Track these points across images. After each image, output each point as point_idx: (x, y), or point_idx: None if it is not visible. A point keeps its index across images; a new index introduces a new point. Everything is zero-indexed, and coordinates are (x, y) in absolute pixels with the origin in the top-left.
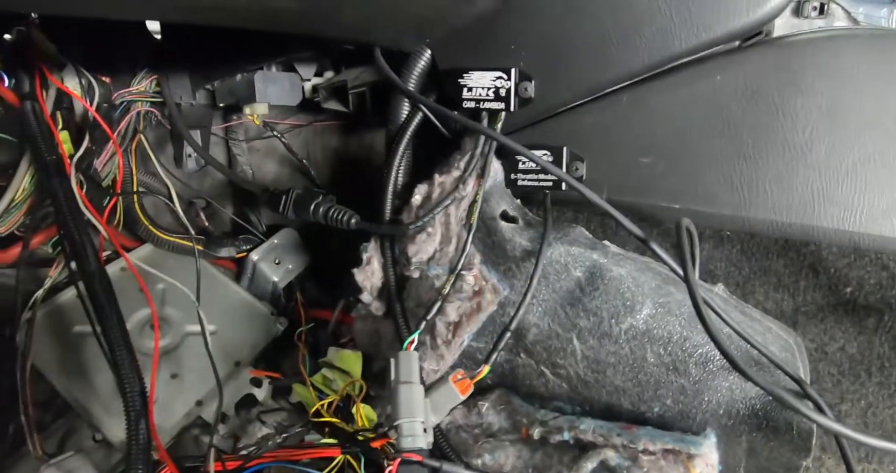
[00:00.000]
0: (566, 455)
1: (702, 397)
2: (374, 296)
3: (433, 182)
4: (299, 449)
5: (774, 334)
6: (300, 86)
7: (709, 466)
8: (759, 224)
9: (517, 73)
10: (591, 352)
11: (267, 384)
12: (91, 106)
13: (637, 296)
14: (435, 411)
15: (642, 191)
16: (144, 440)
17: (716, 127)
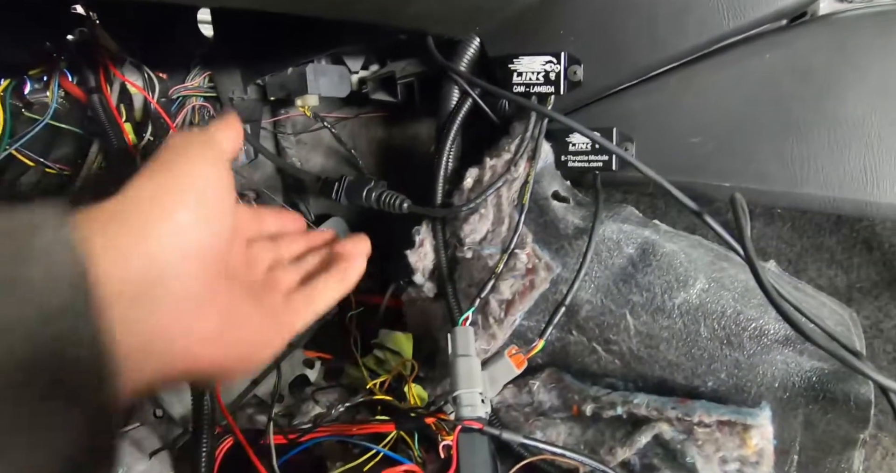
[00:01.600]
0: (619, 431)
1: (756, 370)
2: (426, 277)
3: (484, 166)
4: (354, 425)
5: (829, 309)
6: (348, 78)
7: (764, 438)
8: (812, 200)
9: (566, 57)
10: (644, 327)
11: (319, 365)
12: (153, 99)
13: (690, 271)
14: (491, 384)
15: (692, 170)
16: (209, 411)
17: (766, 105)
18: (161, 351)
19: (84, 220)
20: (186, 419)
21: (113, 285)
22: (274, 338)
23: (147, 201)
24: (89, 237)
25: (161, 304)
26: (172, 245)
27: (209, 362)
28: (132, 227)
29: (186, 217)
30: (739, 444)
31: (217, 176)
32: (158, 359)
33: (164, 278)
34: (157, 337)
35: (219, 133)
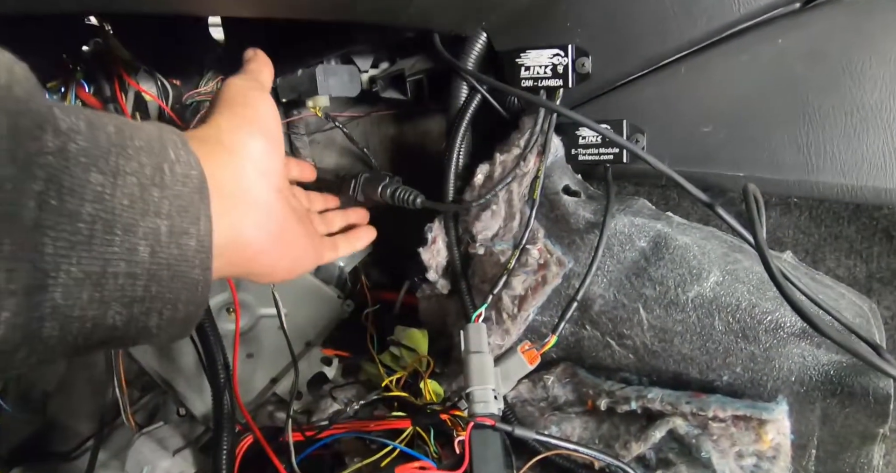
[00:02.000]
0: (634, 425)
1: (773, 364)
2: (439, 274)
3: (494, 161)
4: (371, 421)
5: (848, 300)
6: (359, 77)
7: (781, 433)
8: (829, 188)
9: (574, 49)
10: (657, 321)
11: (336, 362)
12: (167, 106)
13: (703, 264)
14: (504, 380)
15: (705, 160)
16: (229, 410)
17: (779, 91)
18: (238, 247)
19: (190, 139)
20: (208, 417)
21: (213, 191)
22: (310, 257)
23: (227, 131)
24: (196, 153)
25: (243, 209)
26: (251, 164)
27: (266, 264)
28: (222, 149)
29: (258, 143)
30: (755, 439)
31: (273, 110)
32: (235, 253)
33: (245, 188)
34: (238, 234)
35: (262, 74)
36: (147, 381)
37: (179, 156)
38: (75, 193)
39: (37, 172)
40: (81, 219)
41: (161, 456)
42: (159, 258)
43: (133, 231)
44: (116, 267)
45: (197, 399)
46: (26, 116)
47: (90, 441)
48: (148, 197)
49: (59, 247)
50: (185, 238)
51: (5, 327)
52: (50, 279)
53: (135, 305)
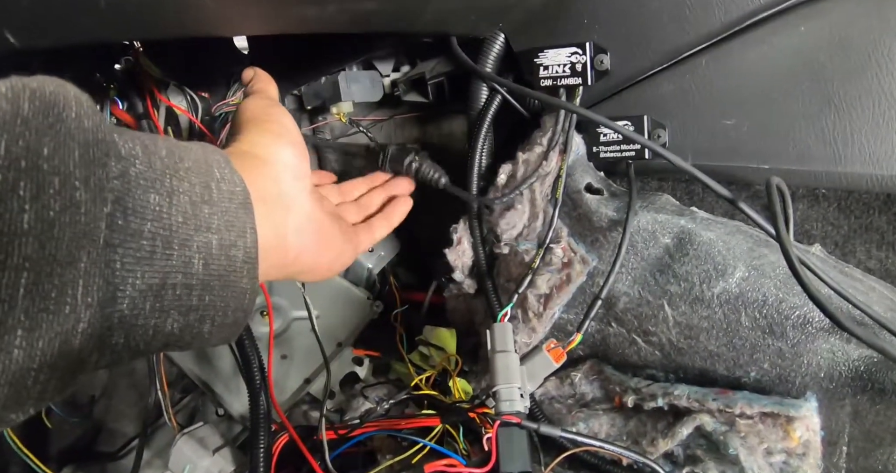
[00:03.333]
0: (661, 422)
1: (801, 360)
2: (465, 274)
3: (517, 161)
4: (401, 419)
5: (879, 293)
6: (380, 82)
7: (809, 430)
8: (857, 179)
9: (592, 46)
10: (683, 318)
11: (367, 362)
12: (197, 119)
13: (728, 259)
14: (530, 379)
15: (728, 154)
16: (265, 410)
17: (802, 80)
18: (281, 251)
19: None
20: (245, 417)
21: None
22: (348, 251)
23: (260, 145)
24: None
25: (284, 213)
26: (287, 171)
27: (308, 263)
28: (259, 161)
29: (289, 152)
30: (783, 436)
31: (293, 121)
32: (279, 257)
33: (284, 193)
34: (282, 238)
35: (270, 91)
36: (187, 383)
37: (224, 174)
38: (137, 213)
39: (106, 196)
40: (144, 236)
41: (202, 455)
42: (211, 270)
43: (188, 246)
44: (174, 279)
45: (234, 400)
46: (95, 146)
47: (135, 441)
48: (199, 214)
49: (126, 262)
50: (233, 250)
51: (82, 337)
52: (119, 292)
53: (190, 313)
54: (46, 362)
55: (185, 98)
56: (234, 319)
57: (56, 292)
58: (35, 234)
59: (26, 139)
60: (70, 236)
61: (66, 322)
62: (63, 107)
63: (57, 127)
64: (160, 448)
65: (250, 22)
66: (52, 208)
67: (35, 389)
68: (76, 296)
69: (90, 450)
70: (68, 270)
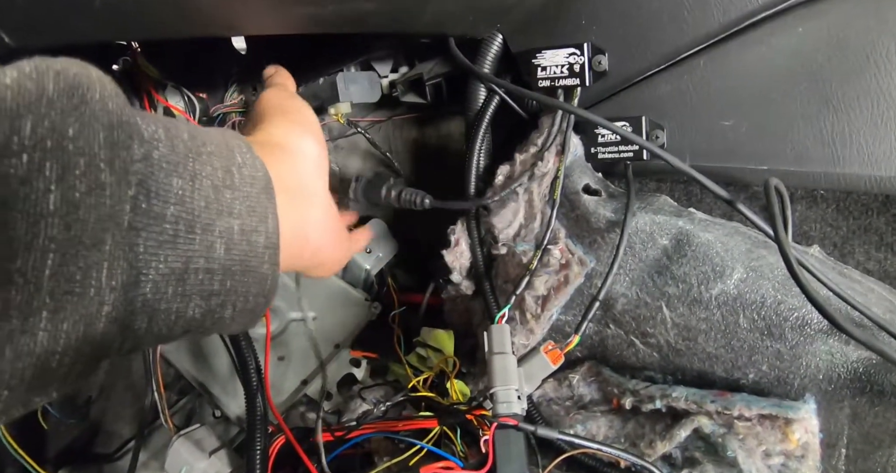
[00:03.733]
0: (659, 424)
1: (799, 361)
2: (463, 276)
3: (514, 161)
4: (398, 421)
5: (877, 295)
6: (378, 83)
7: (808, 432)
8: (856, 180)
9: (590, 47)
10: (681, 320)
11: (365, 363)
12: (194, 120)
13: (727, 261)
14: (528, 380)
15: (727, 155)
16: (262, 412)
17: (800, 81)
18: (302, 242)
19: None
20: (242, 419)
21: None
22: (348, 252)
23: (282, 135)
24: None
25: (306, 206)
26: (310, 163)
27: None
28: (281, 151)
29: (311, 144)
30: (781, 438)
31: (314, 114)
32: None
33: (306, 186)
34: (303, 230)
35: (289, 85)
36: (184, 385)
37: (246, 159)
38: (160, 196)
39: (130, 179)
40: (167, 220)
41: (198, 457)
42: (233, 255)
43: (210, 230)
44: (197, 263)
45: (231, 402)
46: (119, 128)
47: (131, 443)
48: (221, 198)
49: (149, 246)
50: (255, 236)
51: (106, 320)
52: (142, 276)
53: (212, 298)
54: (71, 345)
55: (183, 99)
56: (255, 305)
57: (81, 275)
58: (61, 215)
59: (52, 119)
60: (95, 219)
61: (90, 306)
62: (87, 88)
63: (82, 108)
64: (157, 449)
65: (248, 22)
66: (77, 190)
67: (59, 372)
68: (101, 279)
69: (86, 452)
70: (93, 252)
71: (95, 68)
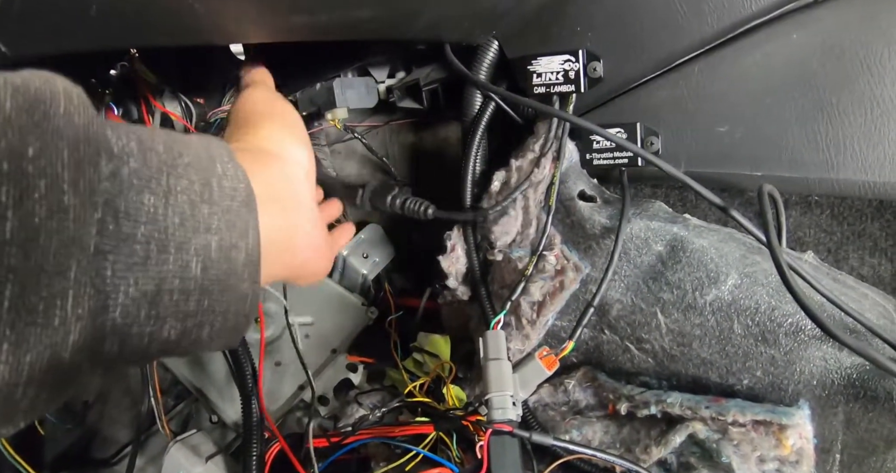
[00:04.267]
0: (654, 430)
1: (793, 367)
2: (459, 281)
3: (510, 168)
4: (395, 426)
5: (871, 300)
6: (375, 88)
7: (802, 438)
8: (850, 186)
9: (585, 54)
10: (675, 325)
11: (362, 369)
12: (191, 125)
13: (721, 267)
14: (523, 386)
15: (722, 160)
16: (257, 417)
17: (795, 88)
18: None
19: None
20: (239, 424)
21: (262, 201)
22: (332, 257)
23: (270, 140)
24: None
25: (295, 214)
26: (299, 168)
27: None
28: (270, 156)
29: (300, 148)
30: (775, 444)
31: (299, 117)
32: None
33: (295, 192)
34: (291, 240)
35: (270, 82)
36: (181, 390)
37: (227, 169)
38: (130, 215)
39: (97, 199)
40: (137, 240)
41: (194, 462)
42: (210, 274)
43: (185, 249)
44: (171, 284)
45: (228, 407)
46: (86, 143)
47: (128, 448)
48: (198, 214)
49: (118, 269)
50: (234, 252)
51: (73, 349)
52: (111, 301)
53: (188, 319)
54: (35, 376)
55: (180, 104)
56: (235, 324)
57: (44, 305)
58: (19, 243)
59: (9, 140)
60: (58, 245)
61: (55, 335)
62: (50, 103)
63: (43, 125)
64: (153, 455)
65: (244, 31)
66: (37, 215)
67: (23, 403)
68: (66, 308)
69: (83, 457)
70: (57, 280)
71: (63, 79)
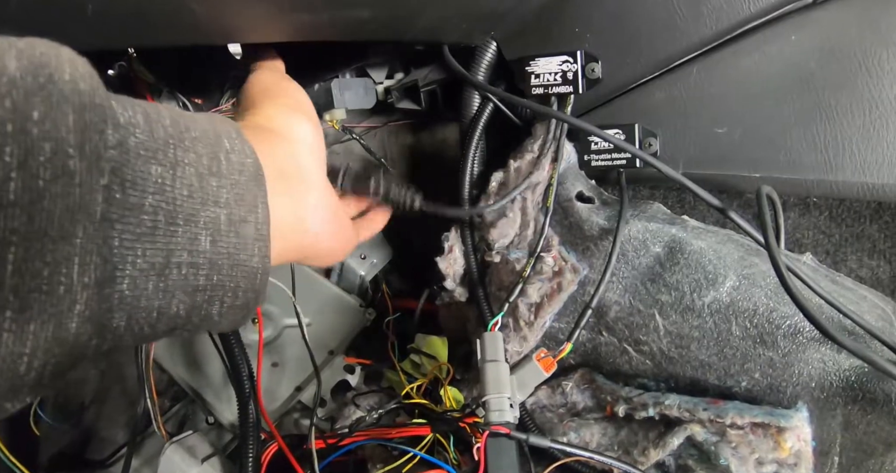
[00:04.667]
0: (652, 432)
1: (792, 369)
2: (456, 283)
3: (508, 168)
4: (392, 428)
5: (870, 302)
6: (374, 89)
7: (801, 440)
8: (848, 187)
9: (583, 55)
10: (674, 327)
11: (359, 370)
12: None
13: (719, 269)
14: (520, 388)
15: (720, 162)
16: (254, 419)
17: (793, 89)
18: (300, 231)
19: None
20: (235, 426)
21: (269, 178)
22: (354, 238)
23: (276, 118)
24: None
25: (303, 192)
26: (306, 147)
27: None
28: (276, 135)
29: (307, 127)
30: (773, 447)
31: (308, 97)
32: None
33: (303, 170)
34: (300, 217)
35: (280, 66)
36: (177, 391)
37: (234, 145)
38: (137, 185)
39: (103, 166)
40: (144, 211)
41: (190, 464)
42: (219, 247)
43: (194, 221)
44: (179, 257)
45: (225, 408)
46: (91, 111)
47: (124, 449)
48: (206, 187)
49: (125, 239)
50: (243, 226)
51: (79, 319)
52: (118, 271)
53: (197, 294)
54: (40, 346)
55: (178, 104)
56: (245, 300)
57: (49, 271)
58: (22, 205)
59: (14, 100)
60: (62, 209)
61: (60, 304)
62: (55, 68)
63: (48, 88)
64: (149, 456)
65: (242, 30)
66: (41, 177)
67: (29, 376)
68: (71, 275)
69: (78, 458)
70: (62, 246)
71: (68, 48)
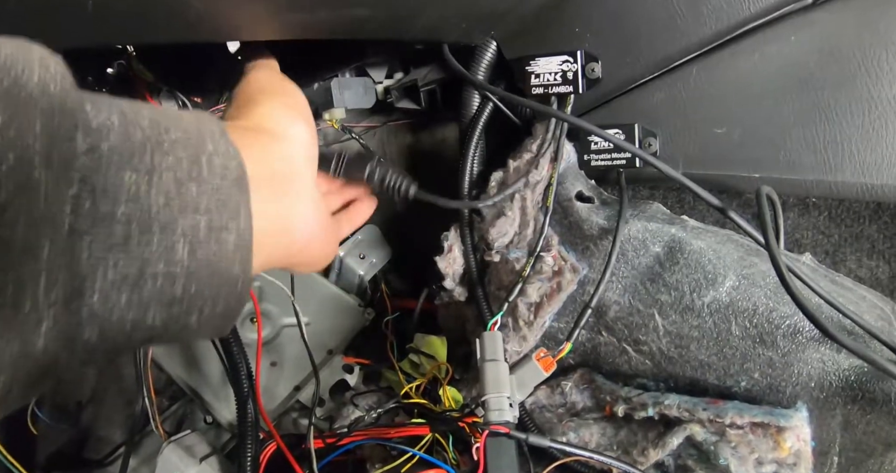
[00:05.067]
0: (651, 432)
1: (791, 369)
2: (456, 282)
3: (508, 168)
4: (391, 428)
5: (869, 302)
6: (373, 89)
7: (800, 440)
8: (848, 188)
9: (583, 54)
10: (673, 327)
11: (358, 370)
12: None
13: (719, 268)
14: (520, 388)
15: (719, 162)
16: (253, 418)
17: (793, 89)
18: (287, 238)
19: (230, 129)
20: (234, 425)
21: (257, 181)
22: (335, 243)
23: (271, 119)
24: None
25: (294, 198)
26: (301, 150)
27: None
28: (270, 136)
29: (303, 130)
30: (773, 446)
31: (305, 98)
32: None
33: (295, 174)
34: (289, 224)
35: (272, 62)
36: (175, 390)
37: (218, 147)
38: (108, 194)
39: (72, 175)
40: (117, 220)
41: (189, 463)
42: (198, 256)
43: (171, 229)
44: (155, 268)
45: (223, 408)
46: (61, 115)
47: (122, 449)
48: (185, 193)
49: (95, 250)
50: (224, 234)
51: (45, 338)
52: (87, 284)
53: (174, 305)
54: (5, 364)
55: (178, 103)
56: (225, 309)
57: (13, 288)
58: None
59: None
60: (27, 222)
61: (25, 322)
62: (22, 69)
63: (14, 92)
64: (147, 455)
65: (241, 28)
66: (4, 188)
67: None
68: (37, 293)
69: (76, 457)
70: (26, 260)
71: (40, 47)
